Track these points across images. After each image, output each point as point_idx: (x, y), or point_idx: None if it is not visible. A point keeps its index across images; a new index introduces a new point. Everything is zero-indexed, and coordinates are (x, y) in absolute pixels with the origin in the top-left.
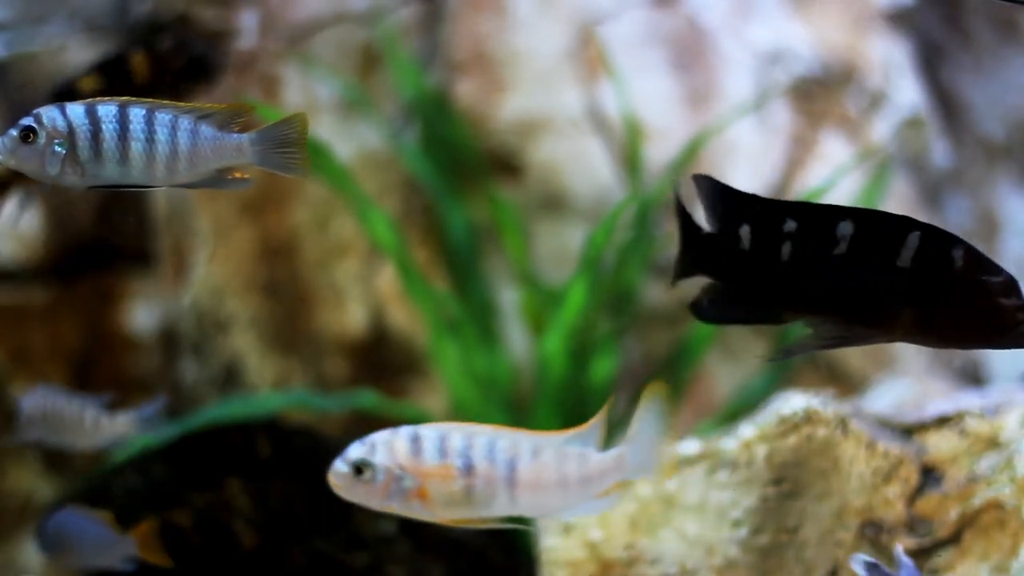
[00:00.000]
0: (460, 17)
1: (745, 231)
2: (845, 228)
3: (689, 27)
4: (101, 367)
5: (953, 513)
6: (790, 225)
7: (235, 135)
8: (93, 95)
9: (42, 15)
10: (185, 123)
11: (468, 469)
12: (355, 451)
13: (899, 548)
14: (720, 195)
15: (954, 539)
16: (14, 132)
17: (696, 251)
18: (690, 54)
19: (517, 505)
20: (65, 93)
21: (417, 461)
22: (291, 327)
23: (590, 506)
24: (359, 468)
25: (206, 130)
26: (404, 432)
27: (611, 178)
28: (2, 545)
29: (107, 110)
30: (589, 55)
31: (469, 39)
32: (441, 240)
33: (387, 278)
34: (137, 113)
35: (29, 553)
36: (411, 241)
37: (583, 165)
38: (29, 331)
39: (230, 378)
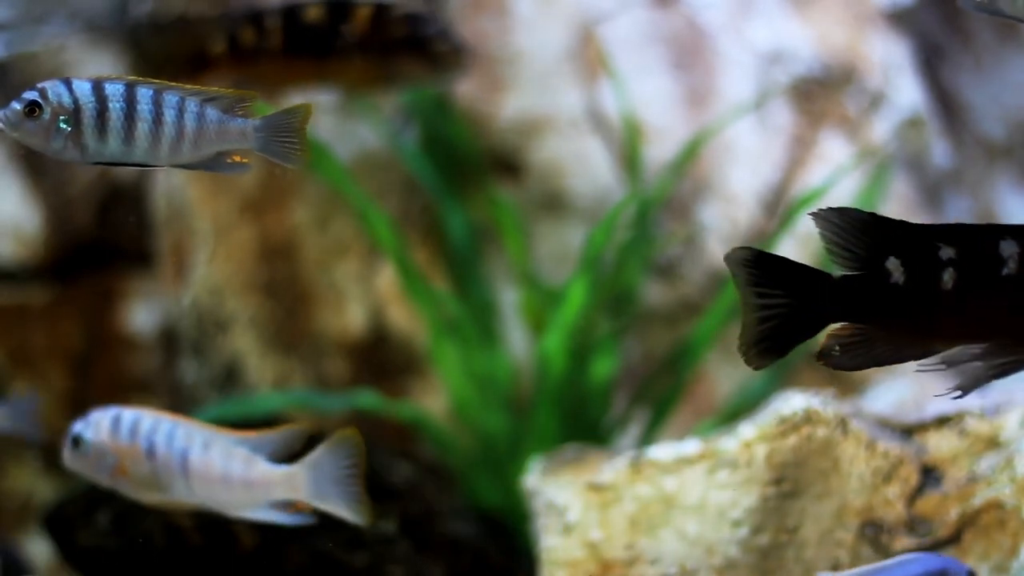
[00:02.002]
0: (461, 17)
1: (895, 264)
2: (1009, 247)
3: (689, 27)
4: (101, 367)
5: (953, 513)
6: (947, 252)
7: (240, 120)
8: (313, 23)
9: (42, 15)
10: (192, 105)
11: (151, 452)
12: (75, 425)
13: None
14: (863, 228)
15: (954, 539)
16: (18, 106)
17: (829, 300)
18: (690, 54)
19: (194, 494)
20: (290, 13)
21: (115, 439)
22: (291, 327)
23: (274, 515)
24: (76, 441)
25: (211, 113)
26: (111, 412)
27: (611, 178)
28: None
29: (115, 88)
30: (589, 55)
31: (470, 39)
32: (441, 240)
33: (387, 278)
34: (145, 93)
35: (29, 553)
36: (411, 241)
37: (583, 165)
38: (29, 331)
39: (230, 378)
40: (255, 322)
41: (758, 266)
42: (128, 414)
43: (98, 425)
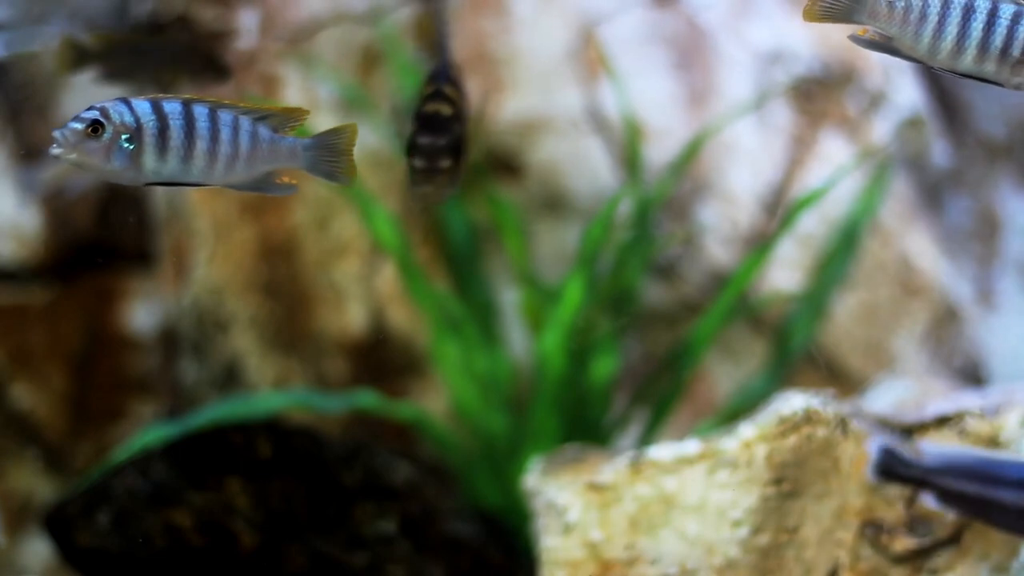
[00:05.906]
0: (461, 17)
1: None
2: None
3: (689, 27)
4: (101, 367)
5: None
6: None
7: (290, 139)
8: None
9: (42, 15)
10: (245, 124)
11: None
12: None
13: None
14: None
15: (954, 539)
16: (78, 125)
17: None
18: (690, 54)
19: None
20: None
21: None
22: (291, 327)
23: None
24: None
25: (264, 132)
26: None
27: (611, 178)
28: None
29: (173, 107)
30: (589, 55)
31: (470, 39)
32: (441, 240)
33: (387, 278)
34: (201, 111)
35: (29, 553)
36: (411, 241)
37: (583, 165)
38: (29, 331)
39: (230, 378)
40: (255, 322)
41: None
42: None
43: None
